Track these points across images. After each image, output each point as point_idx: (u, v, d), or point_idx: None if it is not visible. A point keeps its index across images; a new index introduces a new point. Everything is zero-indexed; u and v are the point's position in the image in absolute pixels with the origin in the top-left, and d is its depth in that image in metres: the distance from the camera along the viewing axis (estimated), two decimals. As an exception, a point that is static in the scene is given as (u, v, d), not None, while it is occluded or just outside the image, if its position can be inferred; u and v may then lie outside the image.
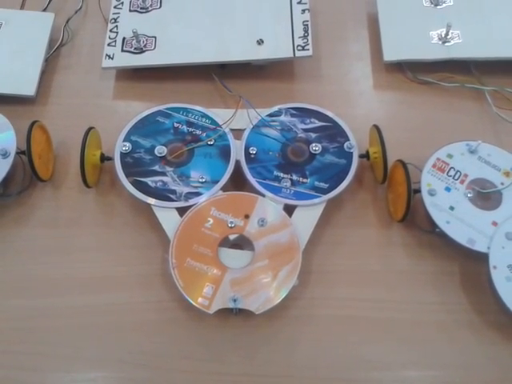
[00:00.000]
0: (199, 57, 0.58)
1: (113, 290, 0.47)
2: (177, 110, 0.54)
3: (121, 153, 0.51)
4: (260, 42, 0.57)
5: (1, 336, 0.46)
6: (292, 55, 0.56)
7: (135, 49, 0.59)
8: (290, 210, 0.48)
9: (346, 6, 0.66)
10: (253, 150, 0.51)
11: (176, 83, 0.59)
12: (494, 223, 0.46)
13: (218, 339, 0.45)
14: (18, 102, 0.57)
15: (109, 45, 0.59)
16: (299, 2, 0.60)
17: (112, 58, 0.58)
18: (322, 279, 0.48)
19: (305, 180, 0.49)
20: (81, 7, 0.65)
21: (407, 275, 0.48)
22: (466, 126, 0.56)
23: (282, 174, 0.50)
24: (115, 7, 0.63)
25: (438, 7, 0.61)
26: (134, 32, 0.58)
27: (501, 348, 0.45)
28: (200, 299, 0.44)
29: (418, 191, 0.48)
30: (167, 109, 0.54)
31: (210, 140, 0.51)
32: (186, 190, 0.49)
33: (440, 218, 0.47)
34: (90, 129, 0.51)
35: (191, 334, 0.45)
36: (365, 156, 0.52)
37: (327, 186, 0.49)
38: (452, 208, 0.47)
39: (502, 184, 0.48)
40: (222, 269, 0.45)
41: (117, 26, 0.61)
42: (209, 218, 0.47)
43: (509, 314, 0.43)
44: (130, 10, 0.62)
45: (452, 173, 0.49)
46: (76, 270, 0.48)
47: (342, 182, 0.49)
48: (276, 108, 0.54)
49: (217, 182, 0.49)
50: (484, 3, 0.60)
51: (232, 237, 0.47)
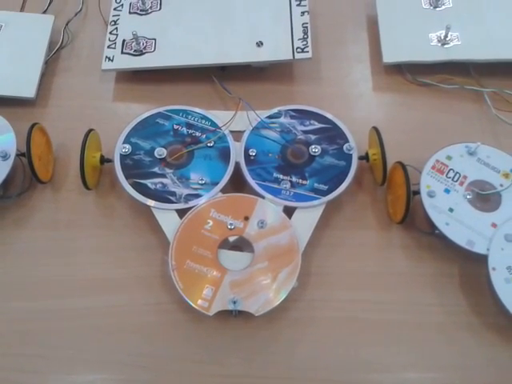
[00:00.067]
0: (199, 59, 0.58)
1: (113, 292, 0.48)
2: (176, 111, 0.54)
3: (121, 155, 0.51)
4: (260, 44, 0.58)
5: (1, 338, 0.46)
6: (291, 57, 0.56)
7: (135, 51, 0.59)
8: (289, 211, 0.48)
9: (346, 8, 0.66)
10: (252, 152, 0.51)
11: (176, 85, 0.59)
12: (494, 225, 0.46)
13: (217, 341, 0.45)
14: (18, 104, 0.57)
15: (109, 47, 0.59)
16: (299, 5, 0.60)
17: (112, 60, 0.58)
18: (321, 281, 0.48)
19: (304, 182, 0.50)
20: (81, 9, 0.66)
21: (406, 277, 0.48)
22: (465, 128, 0.56)
23: (281, 176, 0.50)
24: (115, 9, 0.63)
25: (437, 9, 0.61)
26: (133, 34, 0.58)
27: (500, 350, 0.45)
28: (200, 301, 0.44)
29: (418, 193, 0.48)
30: (167, 111, 0.54)
31: (210, 142, 0.52)
32: (185, 191, 0.49)
33: (439, 220, 0.47)
34: (90, 131, 0.51)
35: (191, 335, 0.46)
36: (364, 158, 0.52)
37: (327, 187, 0.49)
38: (451, 210, 0.47)
39: (501, 186, 0.48)
40: (222, 271, 0.45)
41: (117, 28, 0.61)
42: (208, 220, 0.47)
43: (508, 315, 0.43)
44: (130, 12, 0.62)
45: (451, 174, 0.49)
46: (76, 272, 0.48)
47: (341, 183, 0.49)
48: (276, 110, 0.54)
49: (216, 183, 0.49)
50: (483, 5, 0.61)
51: (232, 239, 0.47)
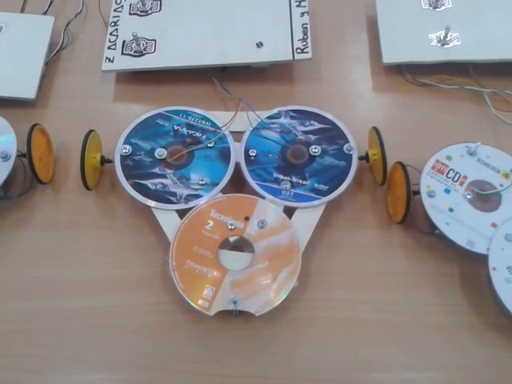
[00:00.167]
0: (199, 60, 0.58)
1: (113, 292, 0.48)
2: (177, 112, 0.54)
3: (121, 155, 0.51)
4: (259, 44, 0.58)
5: (1, 338, 0.46)
6: (291, 58, 0.57)
7: (135, 52, 0.59)
8: (289, 211, 0.48)
9: (345, 8, 0.66)
10: (252, 153, 0.51)
11: (176, 86, 0.59)
12: (494, 225, 0.46)
13: (218, 341, 0.45)
14: (18, 105, 0.57)
15: (109, 48, 0.60)
16: (298, 5, 0.60)
17: (112, 61, 0.58)
18: (321, 281, 0.48)
19: (304, 182, 0.50)
20: (81, 11, 0.66)
21: (407, 277, 0.48)
22: (465, 128, 0.56)
23: (281, 176, 0.50)
24: (115, 10, 0.63)
25: (437, 10, 0.61)
26: (133, 35, 0.58)
27: (500, 349, 0.45)
28: (200, 301, 0.44)
29: (418, 193, 0.48)
30: (167, 111, 0.54)
31: (210, 142, 0.52)
32: (186, 192, 0.49)
33: (439, 220, 0.47)
34: (91, 131, 0.51)
35: (191, 336, 0.46)
36: (364, 158, 0.52)
37: (327, 187, 0.49)
38: (451, 210, 0.47)
39: (501, 186, 0.48)
40: (222, 271, 0.45)
41: (117, 30, 0.61)
42: (209, 220, 0.47)
43: (508, 315, 0.43)
44: (130, 14, 0.62)
45: (451, 174, 0.49)
46: (76, 273, 0.49)
47: (341, 183, 0.49)
48: (276, 110, 0.54)
49: (217, 184, 0.49)
50: (482, 5, 0.61)
51: (232, 239, 0.47)
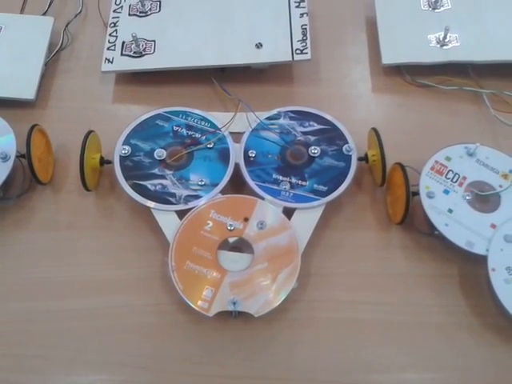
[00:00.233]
0: (198, 60, 0.58)
1: (112, 293, 0.48)
2: (176, 113, 0.54)
3: (120, 156, 0.51)
4: (259, 45, 0.58)
5: (1, 339, 0.46)
6: (291, 59, 0.57)
7: (134, 53, 0.59)
8: (289, 212, 0.48)
9: (345, 9, 0.66)
10: (252, 153, 0.51)
11: (175, 87, 0.59)
12: (493, 226, 0.46)
13: (217, 342, 0.45)
14: (17, 105, 0.57)
15: (108, 49, 0.60)
16: (298, 6, 0.60)
17: (111, 62, 0.58)
18: (321, 282, 0.48)
19: (304, 183, 0.50)
20: (80, 11, 0.66)
21: (406, 278, 0.48)
22: (465, 129, 0.56)
23: (281, 177, 0.50)
24: (115, 11, 0.63)
25: (436, 11, 0.61)
26: (133, 36, 0.58)
27: (499, 350, 0.45)
28: (199, 302, 0.44)
29: (417, 194, 0.48)
30: (166, 112, 0.54)
31: (210, 143, 0.52)
32: (185, 193, 0.49)
33: (438, 221, 0.47)
34: (90, 132, 0.51)
35: (191, 336, 0.46)
36: (363, 159, 0.52)
37: (326, 188, 0.49)
38: (450, 210, 0.47)
39: (501, 186, 0.48)
40: (222, 272, 0.45)
41: (116, 30, 0.61)
42: (208, 221, 0.47)
43: (507, 316, 0.43)
44: (130, 14, 0.62)
45: (450, 175, 0.49)
46: (76, 273, 0.49)
47: (340, 184, 0.49)
48: (275, 111, 0.54)
49: (216, 184, 0.49)
50: (482, 6, 0.61)
51: (231, 240, 0.47)
